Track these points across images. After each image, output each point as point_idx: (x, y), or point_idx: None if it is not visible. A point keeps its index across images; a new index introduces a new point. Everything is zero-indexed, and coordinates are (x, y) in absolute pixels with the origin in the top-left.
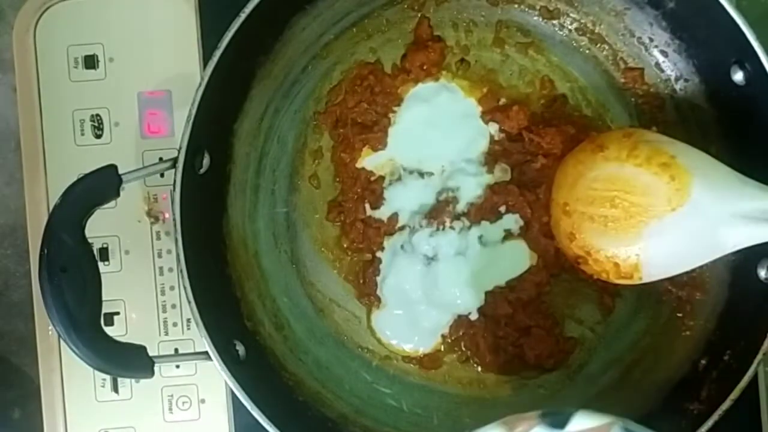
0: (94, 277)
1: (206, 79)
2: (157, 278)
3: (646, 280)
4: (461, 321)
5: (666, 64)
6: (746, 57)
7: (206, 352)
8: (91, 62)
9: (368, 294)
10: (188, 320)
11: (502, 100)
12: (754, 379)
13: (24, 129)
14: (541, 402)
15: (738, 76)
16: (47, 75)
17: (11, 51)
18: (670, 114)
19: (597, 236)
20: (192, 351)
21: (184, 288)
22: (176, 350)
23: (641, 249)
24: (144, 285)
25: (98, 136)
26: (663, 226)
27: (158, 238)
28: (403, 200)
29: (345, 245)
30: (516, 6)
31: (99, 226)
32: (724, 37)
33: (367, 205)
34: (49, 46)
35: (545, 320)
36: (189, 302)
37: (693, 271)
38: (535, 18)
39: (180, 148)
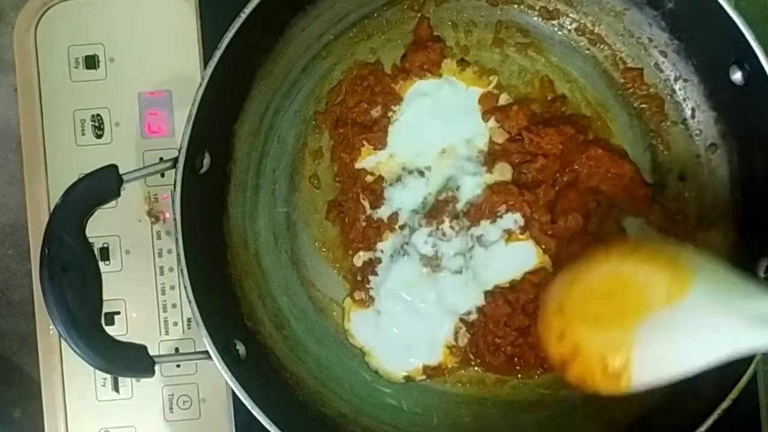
0: (94, 277)
1: (206, 79)
2: (158, 278)
3: (634, 384)
4: (461, 324)
5: (665, 64)
6: (745, 57)
7: (206, 352)
8: (91, 62)
9: (363, 292)
10: (189, 320)
11: (502, 100)
12: (754, 378)
13: (25, 129)
14: (541, 402)
15: (737, 76)
16: (48, 75)
17: (12, 51)
18: (669, 114)
19: (588, 333)
20: (192, 350)
21: (185, 287)
22: (177, 349)
23: (633, 346)
24: (144, 284)
25: (99, 136)
26: (658, 323)
27: (159, 238)
28: (403, 200)
29: (344, 245)
30: (515, 6)
31: (100, 226)
32: (722, 38)
33: (367, 205)
34: (50, 47)
35: None
36: (189, 302)
37: None
38: (535, 18)
39: (180, 148)
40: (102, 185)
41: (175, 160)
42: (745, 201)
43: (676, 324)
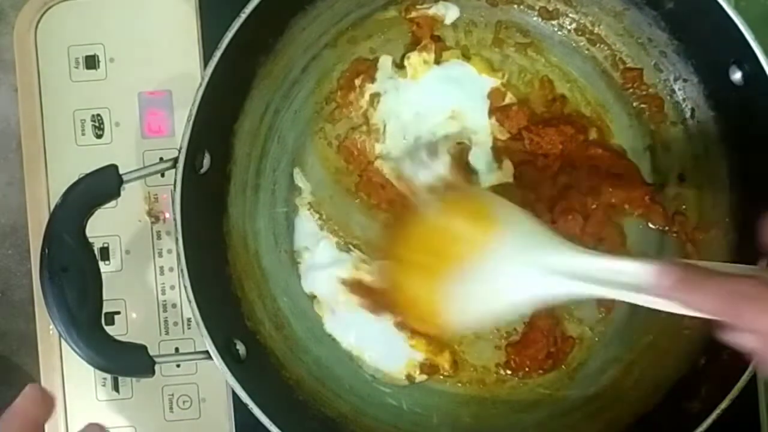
0: (94, 277)
1: (206, 79)
2: (158, 277)
3: (445, 327)
4: None
5: (665, 64)
6: (745, 57)
7: (206, 352)
8: (91, 62)
9: None
10: (189, 319)
11: (507, 99)
12: (753, 379)
13: (25, 129)
14: (540, 402)
15: (736, 76)
16: (48, 75)
17: (12, 51)
18: (668, 114)
19: (407, 281)
20: (192, 350)
21: (185, 287)
22: (177, 349)
23: (445, 292)
24: (145, 284)
25: (99, 136)
26: (468, 271)
27: (159, 238)
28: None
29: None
30: (515, 6)
31: (100, 226)
32: (722, 38)
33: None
34: (50, 47)
35: (545, 320)
36: (189, 301)
37: None
38: (535, 18)
39: (180, 148)
40: (102, 185)
41: (175, 160)
42: (744, 201)
43: (485, 274)
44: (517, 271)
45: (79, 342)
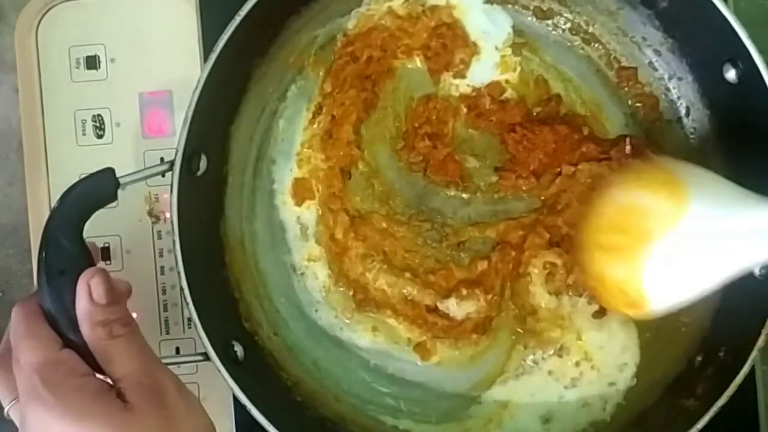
0: None
1: (202, 81)
2: (159, 277)
3: (656, 308)
4: None
5: (659, 62)
6: (738, 56)
7: (205, 353)
8: (92, 63)
9: None
10: (189, 319)
11: (507, 94)
12: (752, 376)
13: (26, 129)
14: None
15: (730, 75)
16: (49, 75)
17: (13, 52)
18: (663, 112)
19: (607, 265)
20: (193, 350)
21: (182, 289)
22: (177, 349)
23: (646, 273)
24: (145, 284)
25: (100, 137)
26: (666, 246)
27: (159, 238)
28: None
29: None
30: (510, 6)
31: (100, 226)
32: (716, 36)
33: None
34: (51, 47)
35: None
36: (187, 303)
37: None
38: (529, 18)
39: (177, 150)
40: (99, 188)
41: (172, 162)
42: None
43: (683, 246)
44: (715, 238)
45: (78, 344)
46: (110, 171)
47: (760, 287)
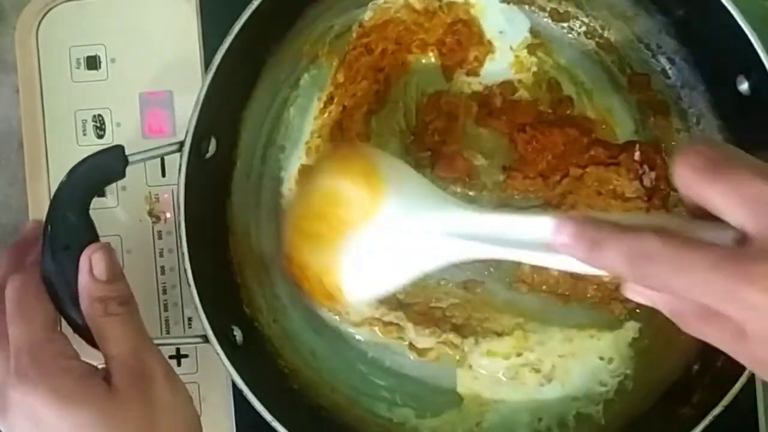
0: None
1: (216, 63)
2: (159, 277)
3: (351, 300)
4: None
5: (672, 71)
6: (753, 68)
7: (204, 336)
8: (93, 63)
9: None
10: (189, 319)
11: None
12: (752, 386)
13: (26, 129)
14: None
15: (744, 87)
16: (49, 76)
17: (13, 52)
18: (674, 121)
19: (309, 254)
20: (193, 351)
21: (185, 271)
22: (178, 350)
23: (342, 263)
24: (145, 284)
25: (100, 137)
26: (361, 239)
27: (160, 238)
28: None
29: None
30: (526, 7)
31: (101, 226)
32: (731, 47)
33: None
34: (52, 47)
35: None
36: (189, 285)
37: None
38: (545, 20)
39: (187, 131)
40: (107, 165)
41: (181, 143)
42: None
43: (377, 239)
44: (414, 236)
45: (77, 321)
46: (120, 148)
47: None
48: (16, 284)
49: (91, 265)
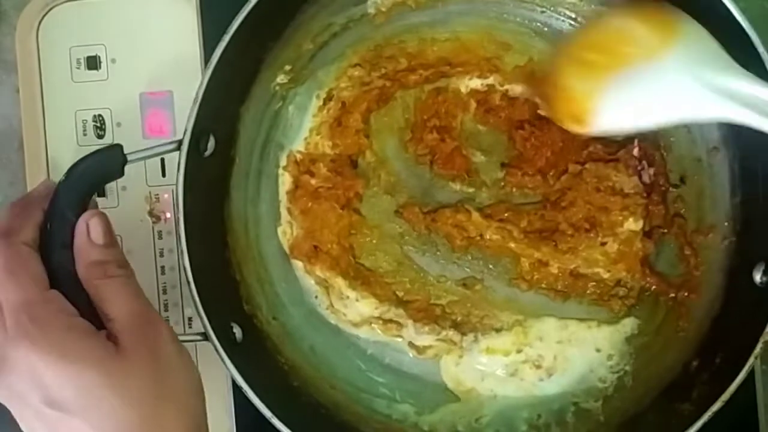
0: None
1: (215, 60)
2: (159, 277)
3: (598, 126)
4: None
5: None
6: (750, 62)
7: (204, 333)
8: (93, 63)
9: None
10: (190, 319)
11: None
12: (752, 381)
13: (27, 129)
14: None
15: None
16: (50, 76)
17: (14, 52)
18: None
19: (575, 78)
20: (194, 351)
21: (184, 268)
22: None
23: (606, 92)
24: (146, 284)
25: (100, 137)
26: (635, 75)
27: (160, 238)
28: None
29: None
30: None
31: None
32: (730, 46)
33: None
34: (52, 47)
35: None
36: (188, 282)
37: (688, 272)
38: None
39: (186, 129)
40: (106, 164)
41: (179, 142)
42: (743, 205)
43: (649, 79)
44: (682, 83)
45: None
46: (118, 147)
47: (760, 295)
48: (6, 247)
49: (88, 229)
